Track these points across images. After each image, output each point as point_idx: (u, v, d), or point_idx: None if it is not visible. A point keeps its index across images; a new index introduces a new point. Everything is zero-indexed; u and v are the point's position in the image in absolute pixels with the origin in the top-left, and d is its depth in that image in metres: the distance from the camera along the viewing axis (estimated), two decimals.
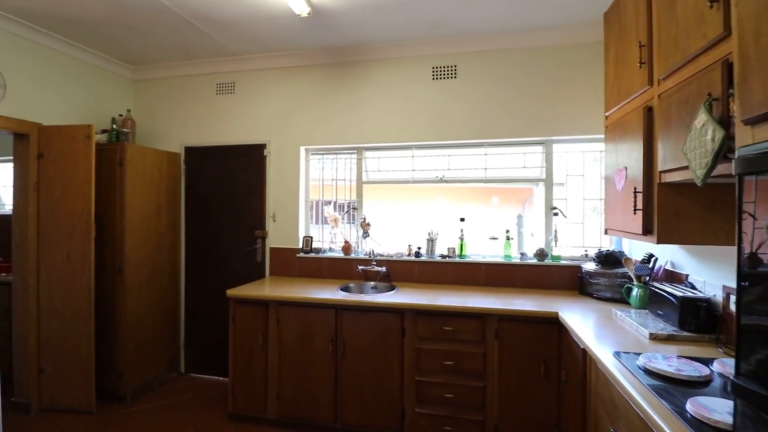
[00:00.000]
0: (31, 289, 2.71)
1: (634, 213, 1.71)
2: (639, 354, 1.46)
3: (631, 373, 1.33)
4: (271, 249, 3.28)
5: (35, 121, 2.77)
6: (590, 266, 2.52)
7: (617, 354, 1.49)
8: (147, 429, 2.56)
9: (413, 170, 3.10)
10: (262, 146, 3.31)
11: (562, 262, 2.74)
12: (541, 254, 2.75)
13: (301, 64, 3.21)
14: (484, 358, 2.23)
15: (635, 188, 1.71)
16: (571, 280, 2.69)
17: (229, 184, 3.39)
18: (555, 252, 2.75)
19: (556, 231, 2.76)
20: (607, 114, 2.20)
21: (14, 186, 2.75)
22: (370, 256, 3.01)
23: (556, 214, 2.81)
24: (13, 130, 2.65)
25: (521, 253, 2.83)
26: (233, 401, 2.62)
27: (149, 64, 3.49)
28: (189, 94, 3.49)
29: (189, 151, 3.50)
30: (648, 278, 2.12)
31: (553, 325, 2.13)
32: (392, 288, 2.77)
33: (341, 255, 3.13)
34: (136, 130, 3.44)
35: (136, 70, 3.56)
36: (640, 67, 1.72)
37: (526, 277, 2.77)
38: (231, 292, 2.62)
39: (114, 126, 3.13)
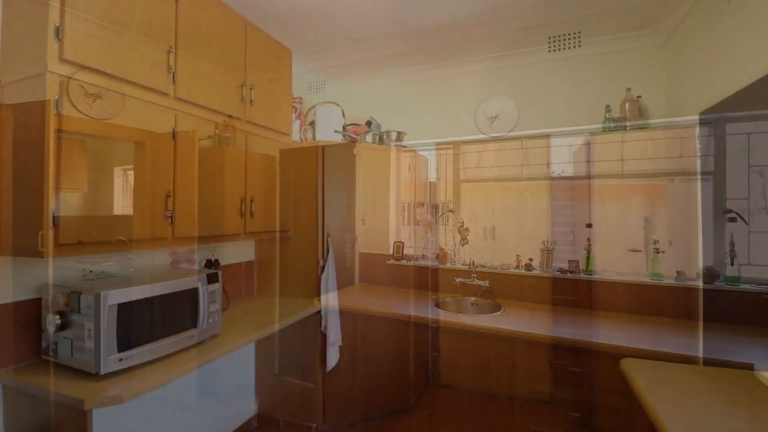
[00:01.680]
0: None
1: None
2: None
3: None
4: (360, 254, 3.07)
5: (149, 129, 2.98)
6: None
7: None
8: None
9: (523, 165, 2.58)
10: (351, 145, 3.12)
11: (743, 286, 1.97)
12: (709, 274, 2.02)
13: (390, 53, 2.93)
14: (629, 415, 1.66)
15: None
16: (756, 313, 1.92)
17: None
18: (730, 272, 2.00)
19: (732, 243, 2.01)
20: None
21: (134, 191, 2.99)
22: (469, 267, 2.59)
23: (732, 219, 2.04)
24: (133, 139, 2.87)
25: (677, 272, 2.12)
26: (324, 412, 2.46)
27: (249, 70, 3.57)
28: None
29: (283, 153, 3.48)
30: None
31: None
32: (498, 307, 2.31)
33: (435, 263, 2.77)
34: (237, 134, 3.54)
35: None
36: None
37: (682, 305, 2.07)
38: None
39: (216, 131, 3.24)
